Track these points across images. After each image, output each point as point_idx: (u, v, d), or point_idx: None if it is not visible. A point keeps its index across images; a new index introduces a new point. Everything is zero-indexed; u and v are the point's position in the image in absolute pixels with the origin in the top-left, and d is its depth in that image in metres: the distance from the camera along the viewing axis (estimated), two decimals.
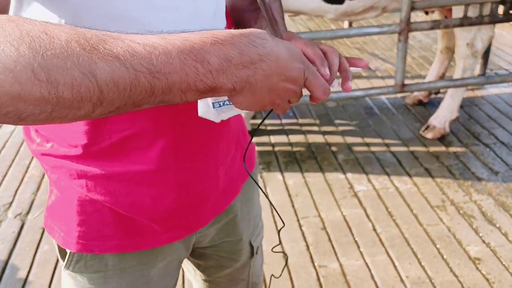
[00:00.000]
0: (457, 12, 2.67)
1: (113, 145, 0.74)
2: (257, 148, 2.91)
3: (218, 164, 0.87)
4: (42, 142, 0.80)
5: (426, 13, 2.99)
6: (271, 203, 0.92)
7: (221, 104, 0.68)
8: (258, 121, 3.21)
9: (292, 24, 4.99)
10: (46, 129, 0.78)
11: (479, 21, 2.56)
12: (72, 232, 0.81)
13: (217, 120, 0.69)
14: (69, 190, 0.80)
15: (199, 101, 0.67)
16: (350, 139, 2.98)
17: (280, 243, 1.10)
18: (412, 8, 2.48)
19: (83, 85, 0.46)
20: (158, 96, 0.51)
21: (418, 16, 4.71)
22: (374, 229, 2.26)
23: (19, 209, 2.46)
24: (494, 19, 2.59)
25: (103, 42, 0.47)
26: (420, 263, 2.06)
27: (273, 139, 3.02)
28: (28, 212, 2.43)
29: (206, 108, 0.68)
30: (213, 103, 0.68)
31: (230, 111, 0.70)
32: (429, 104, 3.35)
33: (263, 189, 2.55)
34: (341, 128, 3.11)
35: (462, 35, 2.74)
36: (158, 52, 0.49)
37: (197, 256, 1.05)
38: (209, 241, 0.99)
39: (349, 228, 2.27)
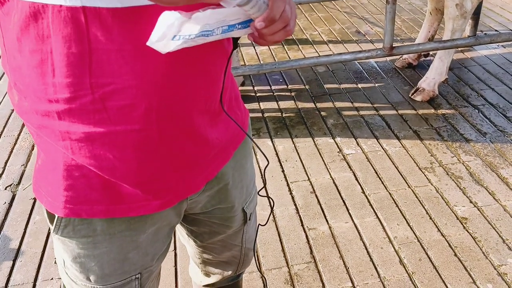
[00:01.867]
0: None
1: (95, 101, 0.72)
2: None
3: (206, 127, 0.85)
4: (21, 99, 0.78)
5: None
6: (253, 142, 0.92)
7: (180, 38, 0.67)
8: (248, 87, 3.19)
9: None
10: (23, 83, 0.75)
11: None
12: (59, 196, 0.81)
13: (164, 51, 0.67)
14: (55, 153, 0.79)
15: (156, 28, 0.65)
16: (339, 104, 2.98)
17: (265, 185, 1.10)
18: None
19: None
20: None
21: None
22: (363, 192, 2.28)
23: (10, 180, 2.46)
24: None
25: None
26: (408, 223, 2.09)
27: (263, 105, 3.01)
28: (18, 183, 2.43)
29: (160, 38, 0.66)
30: (174, 36, 0.66)
31: (183, 43, 0.68)
32: (419, 67, 3.34)
33: (253, 155, 2.55)
34: (330, 93, 3.10)
35: None
36: None
37: (190, 222, 1.05)
38: (201, 207, 0.99)
39: (338, 191, 2.29)
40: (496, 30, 3.82)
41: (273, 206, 2.09)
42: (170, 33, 0.65)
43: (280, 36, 0.74)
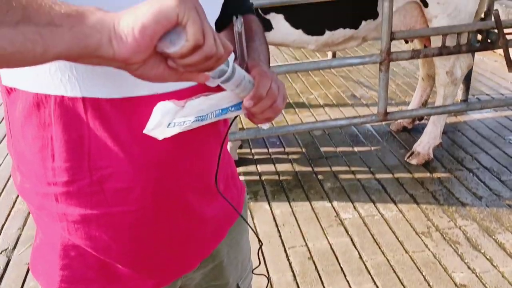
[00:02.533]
0: (436, 41, 2.75)
1: (92, 184, 0.75)
2: (244, 178, 2.94)
3: (201, 205, 0.87)
4: (22, 181, 0.81)
5: (406, 41, 3.07)
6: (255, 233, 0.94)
7: (175, 125, 0.71)
8: (246, 150, 3.24)
9: (278, 53, 5.07)
10: (25, 166, 0.79)
11: (457, 50, 2.64)
12: (55, 276, 0.82)
13: (160, 137, 0.70)
14: (52, 233, 0.81)
15: (151, 117, 0.69)
16: (336, 167, 3.02)
17: (259, 265, 1.10)
18: (392, 39, 2.55)
19: None
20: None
21: (399, 45, 4.81)
22: (360, 257, 2.27)
23: (5, 244, 2.44)
24: (471, 48, 2.66)
25: None
26: None
27: (260, 168, 3.04)
28: (14, 248, 2.42)
29: (155, 126, 0.70)
30: (169, 123, 0.70)
31: (179, 129, 0.72)
32: (414, 130, 3.40)
33: (251, 219, 2.56)
34: (327, 156, 3.15)
35: (441, 63, 2.81)
36: None
37: None
38: (195, 285, 0.99)
39: (336, 256, 2.28)
40: (487, 94, 3.92)
41: (268, 283, 2.07)
42: (165, 121, 0.69)
43: (269, 113, 0.78)
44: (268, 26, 2.63)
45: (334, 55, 4.01)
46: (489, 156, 3.05)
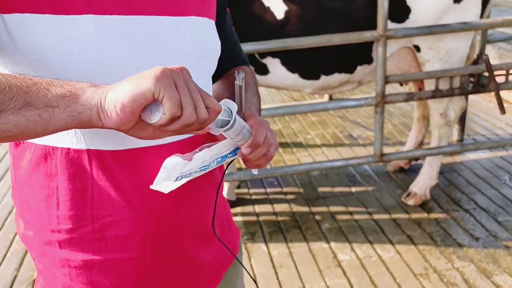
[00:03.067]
0: (430, 84, 2.82)
1: (94, 231, 0.79)
2: (242, 218, 2.94)
3: (198, 249, 0.90)
4: (26, 228, 0.84)
5: (401, 84, 3.14)
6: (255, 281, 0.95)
7: (182, 177, 0.74)
8: (243, 190, 3.25)
9: (276, 93, 5.16)
10: (30, 214, 0.82)
11: (450, 93, 2.70)
12: None
13: (166, 191, 0.74)
14: (53, 279, 0.83)
15: (160, 173, 0.73)
16: (333, 208, 3.03)
17: None
18: (386, 82, 2.61)
19: None
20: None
21: (396, 86, 4.91)
22: None
23: (1, 286, 2.43)
24: (464, 91, 2.73)
25: None
26: None
27: (258, 208, 3.05)
28: None
29: (164, 180, 0.73)
30: (177, 177, 0.73)
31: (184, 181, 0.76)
32: (410, 171, 3.43)
33: (248, 261, 2.55)
34: (324, 196, 3.17)
35: (435, 106, 2.87)
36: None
37: None
38: None
39: None
40: (482, 135, 3.97)
41: None
42: (174, 175, 0.73)
43: (262, 160, 0.84)
44: (264, 70, 2.69)
45: (330, 97, 4.08)
46: (485, 196, 3.07)
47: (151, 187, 0.71)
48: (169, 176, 0.72)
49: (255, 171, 0.91)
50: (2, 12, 0.67)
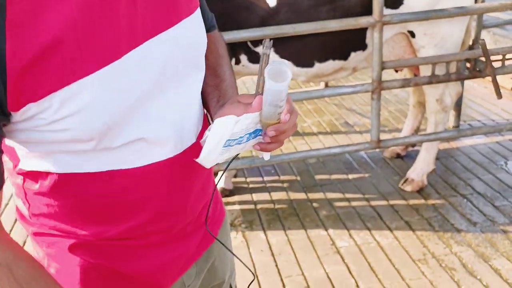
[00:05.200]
0: (425, 70, 2.81)
1: (120, 233, 0.83)
2: (239, 207, 2.94)
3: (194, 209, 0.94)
4: (44, 234, 0.86)
5: (396, 70, 3.13)
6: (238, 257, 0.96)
7: (228, 145, 0.74)
8: (241, 179, 3.25)
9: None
10: (55, 220, 0.83)
11: (446, 78, 2.69)
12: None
13: (209, 165, 0.75)
14: (70, 260, 0.85)
15: (207, 145, 0.73)
16: (331, 195, 3.03)
17: None
18: (383, 68, 2.60)
19: None
20: None
21: (391, 72, 4.89)
22: (357, 286, 2.26)
23: None
24: (460, 76, 2.72)
25: None
26: None
27: (255, 197, 3.05)
28: None
29: (215, 144, 0.73)
30: (225, 141, 0.73)
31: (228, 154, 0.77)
32: (407, 157, 3.43)
33: (246, 249, 2.56)
34: (322, 184, 3.17)
35: (431, 91, 2.86)
36: None
37: None
38: None
39: (332, 285, 2.27)
40: (478, 120, 3.98)
41: None
42: (224, 138, 0.72)
43: (291, 132, 0.84)
44: (257, 59, 2.68)
45: (326, 84, 4.08)
46: (482, 181, 3.08)
47: (197, 160, 0.75)
48: (220, 139, 0.72)
49: (266, 156, 0.89)
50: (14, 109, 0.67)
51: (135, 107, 0.74)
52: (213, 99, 0.89)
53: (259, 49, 2.65)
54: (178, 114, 0.81)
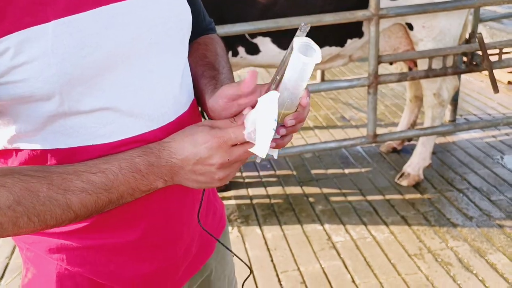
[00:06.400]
0: (422, 64, 2.79)
1: (94, 222, 0.78)
2: (235, 202, 2.93)
3: (191, 224, 0.90)
4: None
5: (391, 63, 3.11)
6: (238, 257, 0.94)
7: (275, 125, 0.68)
8: (236, 174, 3.23)
9: (267, 75, 5.11)
10: None
11: (443, 72, 2.68)
12: None
13: (263, 154, 0.69)
14: (47, 265, 0.81)
15: (260, 146, 0.69)
16: (327, 190, 3.02)
17: None
18: (379, 62, 2.58)
19: (63, 216, 0.67)
20: (114, 202, 0.71)
21: (386, 66, 4.88)
22: (353, 281, 2.25)
23: None
24: (457, 70, 2.71)
25: (69, 181, 0.67)
26: None
27: (251, 191, 3.04)
28: (2, 277, 2.38)
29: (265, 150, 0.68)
30: (274, 118, 0.67)
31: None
32: (403, 151, 3.42)
33: (242, 244, 2.54)
34: (318, 179, 3.15)
35: (429, 85, 2.85)
36: (107, 175, 0.69)
37: None
38: None
39: (328, 280, 2.26)
40: (474, 114, 3.97)
41: None
42: (272, 114, 0.67)
43: (289, 138, 0.79)
44: (255, 50, 2.65)
45: (322, 78, 4.06)
46: (478, 176, 3.07)
47: (251, 149, 0.71)
48: (272, 116, 0.66)
49: (276, 154, 0.80)
50: None
51: (102, 68, 0.69)
52: (209, 87, 0.86)
53: (256, 40, 2.62)
54: (155, 85, 0.76)
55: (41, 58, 0.64)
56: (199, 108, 0.91)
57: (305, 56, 0.66)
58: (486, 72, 4.72)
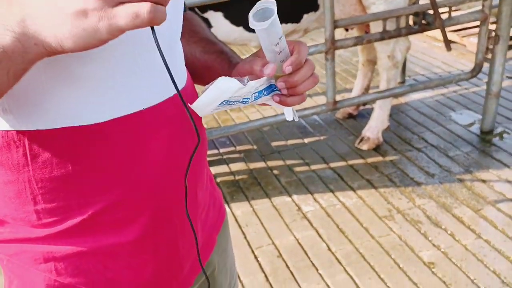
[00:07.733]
0: (376, 26, 2.78)
1: (84, 221, 0.67)
2: None
3: (196, 220, 0.82)
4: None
5: (346, 30, 3.09)
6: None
7: (225, 103, 0.66)
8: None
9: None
10: (0, 210, 0.69)
11: (397, 33, 2.68)
12: None
13: (202, 114, 0.66)
14: (33, 278, 0.70)
15: (208, 92, 0.63)
16: (289, 161, 2.99)
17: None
18: (335, 27, 2.54)
19: None
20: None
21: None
22: (329, 249, 2.25)
23: None
24: (410, 31, 2.72)
25: None
26: (379, 276, 2.07)
27: (214, 170, 2.96)
28: None
29: (209, 102, 0.64)
30: (223, 101, 0.65)
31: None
32: (359, 116, 3.44)
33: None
34: (279, 150, 3.11)
35: (382, 48, 2.85)
36: None
37: None
38: None
39: (305, 251, 2.25)
40: (422, 74, 4.05)
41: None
42: (222, 98, 0.64)
43: (310, 83, 0.73)
44: (207, 25, 2.54)
45: None
46: (434, 134, 3.14)
47: (192, 106, 0.61)
48: (217, 98, 0.63)
49: (289, 117, 0.79)
50: None
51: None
52: (223, 62, 0.78)
53: (207, 15, 2.51)
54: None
55: None
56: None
57: (259, 22, 0.64)
58: (428, 33, 4.82)
